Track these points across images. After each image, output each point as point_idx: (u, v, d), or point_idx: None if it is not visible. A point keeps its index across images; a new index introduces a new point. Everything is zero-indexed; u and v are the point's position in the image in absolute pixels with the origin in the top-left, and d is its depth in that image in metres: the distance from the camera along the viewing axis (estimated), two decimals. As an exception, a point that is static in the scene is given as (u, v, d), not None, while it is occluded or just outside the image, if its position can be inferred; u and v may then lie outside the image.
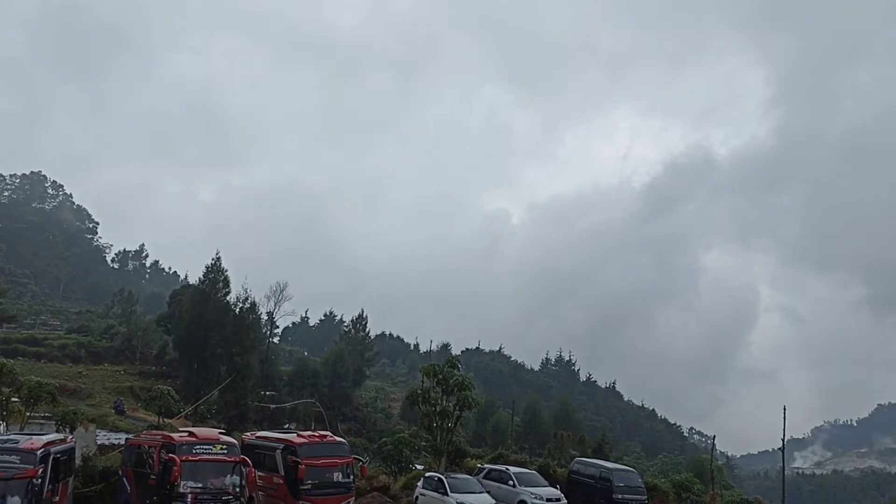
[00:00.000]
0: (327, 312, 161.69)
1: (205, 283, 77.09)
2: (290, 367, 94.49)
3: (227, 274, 77.26)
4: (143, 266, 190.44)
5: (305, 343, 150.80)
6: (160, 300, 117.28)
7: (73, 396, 60.29)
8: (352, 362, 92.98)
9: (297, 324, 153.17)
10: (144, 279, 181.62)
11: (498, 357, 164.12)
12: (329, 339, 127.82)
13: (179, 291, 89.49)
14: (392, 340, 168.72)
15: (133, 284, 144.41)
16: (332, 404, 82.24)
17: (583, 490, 35.94)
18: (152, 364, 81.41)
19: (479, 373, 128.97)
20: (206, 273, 77.69)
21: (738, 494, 46.11)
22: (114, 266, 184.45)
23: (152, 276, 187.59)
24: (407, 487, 35.09)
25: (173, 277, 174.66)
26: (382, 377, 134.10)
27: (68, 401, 51.16)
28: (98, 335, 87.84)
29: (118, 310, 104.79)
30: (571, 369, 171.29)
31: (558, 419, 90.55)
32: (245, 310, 76.23)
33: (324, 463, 26.18)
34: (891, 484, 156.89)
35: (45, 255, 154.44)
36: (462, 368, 42.86)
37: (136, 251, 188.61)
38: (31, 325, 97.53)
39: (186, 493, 22.19)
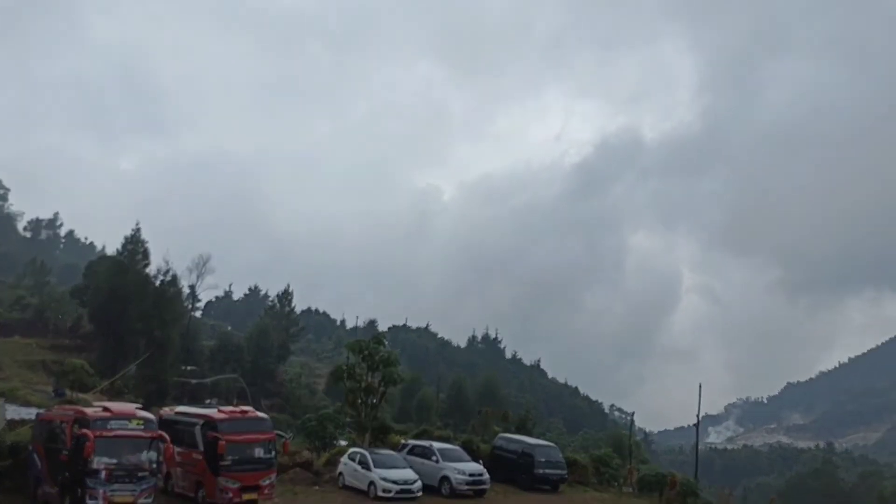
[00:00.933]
0: (252, 286, 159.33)
1: (123, 255, 74.74)
2: (213, 341, 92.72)
3: (147, 246, 75.15)
4: (58, 236, 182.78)
5: (229, 318, 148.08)
6: (75, 271, 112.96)
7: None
8: (276, 337, 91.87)
9: (220, 298, 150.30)
10: (58, 249, 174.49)
11: (425, 334, 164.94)
12: (254, 313, 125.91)
13: (96, 263, 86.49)
14: (318, 316, 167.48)
15: (46, 255, 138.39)
16: (256, 380, 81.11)
17: (506, 465, 36.52)
18: (66, 337, 78.53)
19: (405, 350, 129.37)
20: (124, 244, 75.29)
21: (654, 469, 47.67)
22: (25, 235, 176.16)
23: (67, 247, 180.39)
24: (330, 463, 34.91)
25: (90, 248, 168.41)
26: (308, 353, 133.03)
27: (-26, 375, 48.89)
28: (8, 306, 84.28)
29: (30, 280, 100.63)
30: (497, 347, 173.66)
31: (483, 396, 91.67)
32: (166, 283, 74.22)
33: (245, 439, 25.75)
34: (797, 458, 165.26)
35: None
36: (388, 345, 42.78)
37: (49, 220, 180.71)
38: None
39: (100, 469, 21.52)
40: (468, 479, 32.22)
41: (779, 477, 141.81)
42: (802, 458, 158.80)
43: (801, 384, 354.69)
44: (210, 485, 25.38)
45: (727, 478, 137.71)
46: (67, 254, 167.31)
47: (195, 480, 26.28)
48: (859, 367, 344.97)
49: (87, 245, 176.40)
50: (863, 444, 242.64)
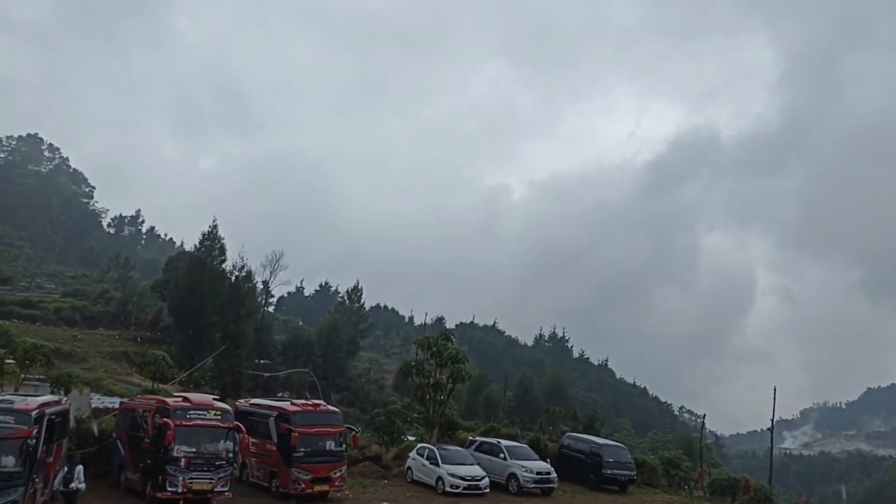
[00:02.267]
0: (323, 283, 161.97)
1: (201, 251, 76.96)
2: (285, 336, 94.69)
3: (223, 242, 77.18)
4: (139, 232, 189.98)
5: (300, 313, 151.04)
6: (156, 266, 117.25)
7: (67, 360, 60.26)
8: (346, 333, 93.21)
9: (292, 293, 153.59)
10: (140, 245, 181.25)
11: (492, 332, 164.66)
12: (324, 309, 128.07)
13: (175, 258, 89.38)
14: (387, 312, 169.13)
15: (129, 250, 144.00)
16: (326, 374, 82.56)
17: (573, 464, 36.33)
18: (147, 330, 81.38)
19: (472, 346, 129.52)
20: (202, 240, 77.51)
21: (726, 472, 46.60)
22: (110, 231, 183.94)
23: (148, 242, 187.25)
24: (398, 458, 35.39)
25: (169, 244, 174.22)
26: (376, 349, 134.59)
27: (63, 364, 51.22)
28: (93, 299, 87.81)
29: (114, 275, 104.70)
30: (565, 345, 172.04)
31: (550, 394, 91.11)
32: (241, 278, 76.18)
33: (317, 431, 26.39)
34: (877, 466, 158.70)
35: (41, 219, 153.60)
36: (456, 342, 43.03)
37: (132, 217, 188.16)
38: (27, 287, 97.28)
39: (180, 457, 22.42)
40: (536, 477, 32.22)
41: (857, 485, 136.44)
42: (883, 466, 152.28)
43: (882, 389, 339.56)
44: (283, 475, 26.12)
45: (803, 484, 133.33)
46: (149, 249, 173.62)
47: (269, 470, 27.07)
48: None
49: (167, 241, 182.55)
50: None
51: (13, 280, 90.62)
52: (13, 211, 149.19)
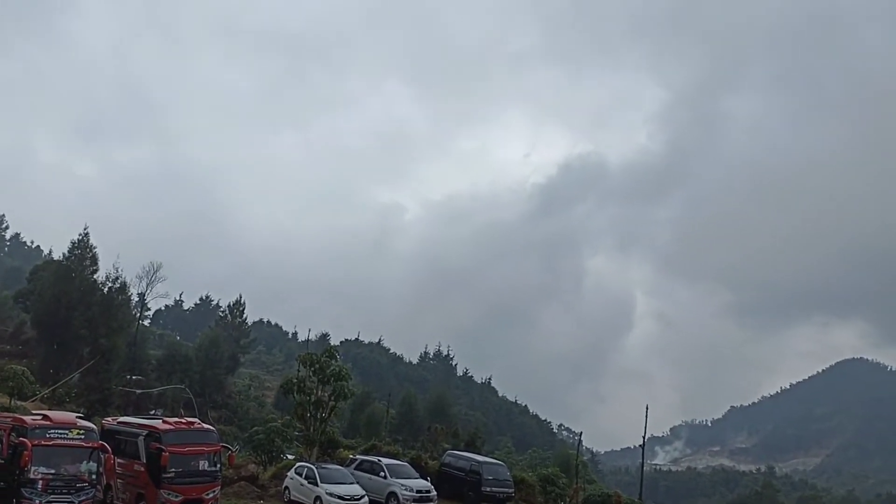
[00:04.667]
0: (203, 296, 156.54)
1: (70, 260, 72.93)
2: (161, 351, 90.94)
3: (95, 251, 73.33)
4: (2, 238, 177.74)
5: (179, 327, 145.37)
6: (19, 275, 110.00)
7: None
8: (226, 348, 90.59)
9: (170, 307, 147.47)
10: (3, 252, 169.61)
11: (377, 349, 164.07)
12: (205, 324, 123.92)
13: (41, 267, 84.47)
14: (270, 328, 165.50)
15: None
16: (204, 391, 79.75)
17: (453, 482, 36.57)
18: (7, 343, 76.31)
19: (357, 364, 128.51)
20: (71, 249, 73.46)
21: (600, 488, 48.22)
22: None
23: (12, 249, 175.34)
24: (277, 477, 34.58)
25: (36, 252, 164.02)
26: (258, 365, 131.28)
27: None
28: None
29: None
30: (449, 364, 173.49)
31: (433, 412, 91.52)
32: (114, 290, 72.56)
33: (189, 451, 25.41)
34: (738, 481, 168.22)
35: None
36: (340, 359, 42.59)
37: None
38: None
39: (37, 478, 21.11)
40: (415, 495, 32.22)
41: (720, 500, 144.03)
42: (744, 482, 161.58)
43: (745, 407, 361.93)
44: (152, 497, 24.96)
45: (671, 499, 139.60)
46: (13, 257, 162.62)
47: (136, 492, 25.81)
48: (802, 392, 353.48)
49: (33, 249, 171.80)
50: (803, 468, 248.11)
51: None
52: None
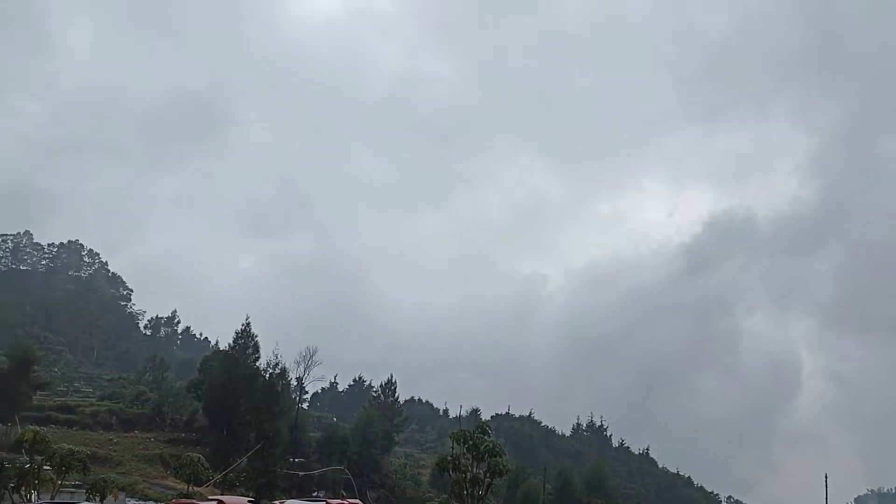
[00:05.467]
0: (356, 378, 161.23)
1: (235, 349, 77.56)
2: (320, 433, 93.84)
3: (257, 339, 77.86)
4: (175, 333, 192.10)
5: (335, 409, 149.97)
6: (191, 367, 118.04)
7: (104, 464, 60.38)
8: (381, 428, 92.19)
9: (326, 389, 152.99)
10: (176, 346, 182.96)
11: (528, 422, 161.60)
12: (359, 405, 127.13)
13: (210, 357, 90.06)
14: (421, 406, 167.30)
15: (165, 351, 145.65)
16: (362, 471, 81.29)
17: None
18: (182, 431, 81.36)
19: (509, 438, 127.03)
20: (235, 339, 78.24)
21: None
22: (146, 333, 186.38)
23: (184, 343, 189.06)
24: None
25: (205, 344, 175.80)
26: (412, 443, 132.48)
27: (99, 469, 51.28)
28: (129, 402, 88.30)
29: (150, 376, 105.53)
30: (604, 435, 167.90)
31: (591, 486, 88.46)
32: (275, 375, 76.42)
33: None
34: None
35: (80, 323, 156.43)
36: (492, 434, 42.34)
37: (168, 318, 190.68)
38: (65, 392, 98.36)
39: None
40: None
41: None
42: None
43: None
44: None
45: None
46: (184, 350, 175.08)
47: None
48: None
49: (202, 341, 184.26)
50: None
51: (52, 385, 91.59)
52: (54, 316, 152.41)
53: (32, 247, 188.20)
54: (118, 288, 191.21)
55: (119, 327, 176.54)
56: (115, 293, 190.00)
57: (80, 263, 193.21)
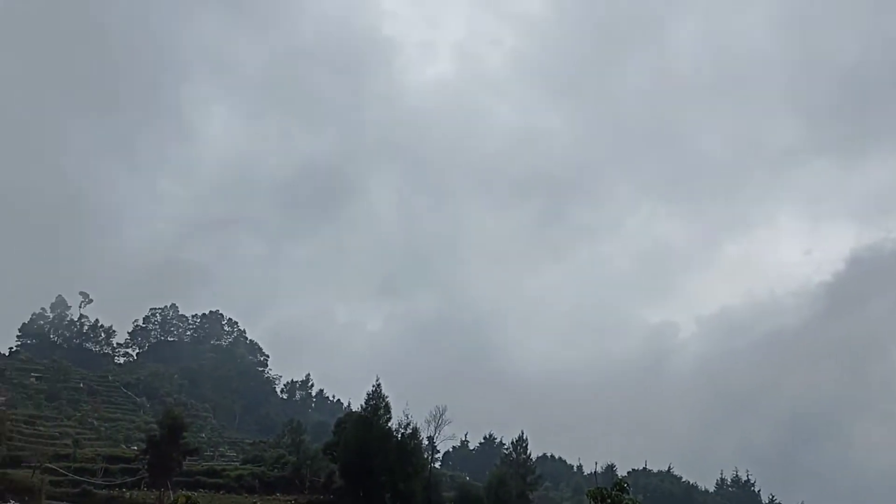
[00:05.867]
0: (487, 435, 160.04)
1: (367, 410, 79.09)
2: (453, 492, 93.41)
3: (387, 400, 79.15)
4: (309, 396, 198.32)
5: (466, 467, 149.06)
6: (326, 428, 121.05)
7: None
8: (514, 486, 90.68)
9: (457, 448, 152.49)
10: (311, 408, 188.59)
11: (668, 478, 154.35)
12: (490, 462, 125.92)
13: (343, 419, 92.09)
14: (554, 462, 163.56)
15: (300, 414, 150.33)
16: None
17: None
18: (320, 493, 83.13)
19: (648, 495, 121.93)
20: (367, 400, 79.85)
21: None
22: (283, 396, 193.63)
23: (318, 405, 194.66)
24: None
25: (337, 406, 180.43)
26: (546, 502, 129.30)
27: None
28: (270, 465, 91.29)
29: (287, 439, 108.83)
30: (751, 490, 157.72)
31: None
32: (406, 435, 77.16)
33: None
34: None
35: (222, 390, 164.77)
36: (631, 491, 40.87)
37: (302, 381, 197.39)
38: (211, 456, 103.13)
39: None
40: None
41: None
42: None
43: None
44: None
45: None
46: (319, 412, 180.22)
47: None
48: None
49: (335, 403, 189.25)
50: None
51: (200, 450, 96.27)
52: (199, 384, 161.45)
53: (178, 319, 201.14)
54: (256, 354, 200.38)
55: (258, 392, 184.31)
56: (254, 359, 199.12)
57: (221, 332, 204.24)
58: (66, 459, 78.57)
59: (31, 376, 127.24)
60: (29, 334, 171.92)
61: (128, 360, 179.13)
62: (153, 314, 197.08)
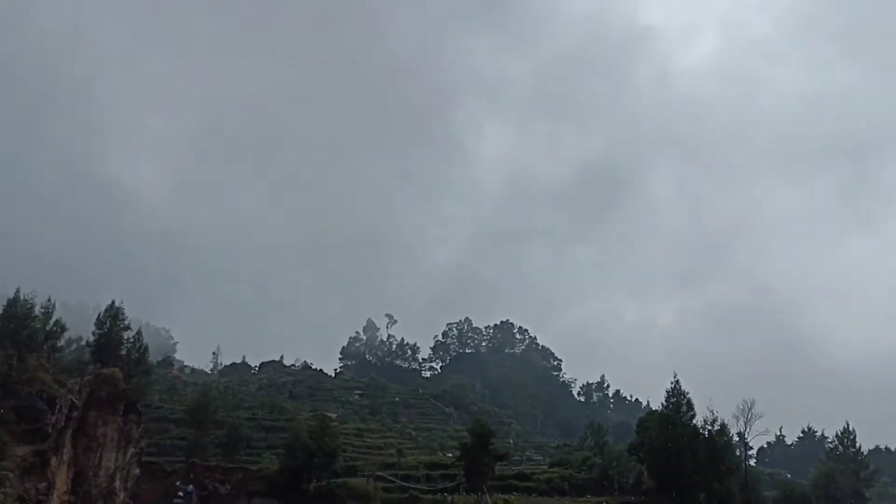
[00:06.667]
0: (805, 428, 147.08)
1: (668, 408, 76.90)
2: (774, 491, 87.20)
3: (689, 397, 76.24)
4: (607, 396, 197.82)
5: (785, 464, 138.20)
6: (626, 429, 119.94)
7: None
8: (845, 483, 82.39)
9: (772, 444, 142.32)
10: (609, 409, 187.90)
11: None
12: (811, 458, 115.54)
13: (645, 419, 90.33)
14: (890, 455, 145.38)
15: (599, 415, 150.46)
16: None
17: None
18: (630, 494, 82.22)
19: None
20: (667, 398, 77.61)
21: None
22: (580, 399, 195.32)
23: (616, 405, 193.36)
24: None
25: (636, 405, 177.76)
26: (886, 498, 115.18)
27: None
28: (577, 467, 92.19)
29: (591, 441, 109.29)
30: None
31: None
32: (714, 432, 73.61)
33: None
34: None
35: (521, 396, 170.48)
36: None
37: (597, 383, 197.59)
38: (519, 461, 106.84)
39: None
40: None
41: None
42: None
43: None
44: None
45: None
46: (617, 412, 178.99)
47: None
48: None
49: (633, 402, 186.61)
50: None
51: (508, 455, 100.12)
52: (498, 391, 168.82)
53: (473, 331, 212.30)
54: (549, 359, 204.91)
55: (554, 396, 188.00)
56: (547, 364, 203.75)
57: (514, 341, 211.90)
58: (392, 468, 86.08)
59: (355, 394, 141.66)
60: (348, 356, 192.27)
61: (433, 374, 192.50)
62: (450, 329, 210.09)
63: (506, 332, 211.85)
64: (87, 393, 57.73)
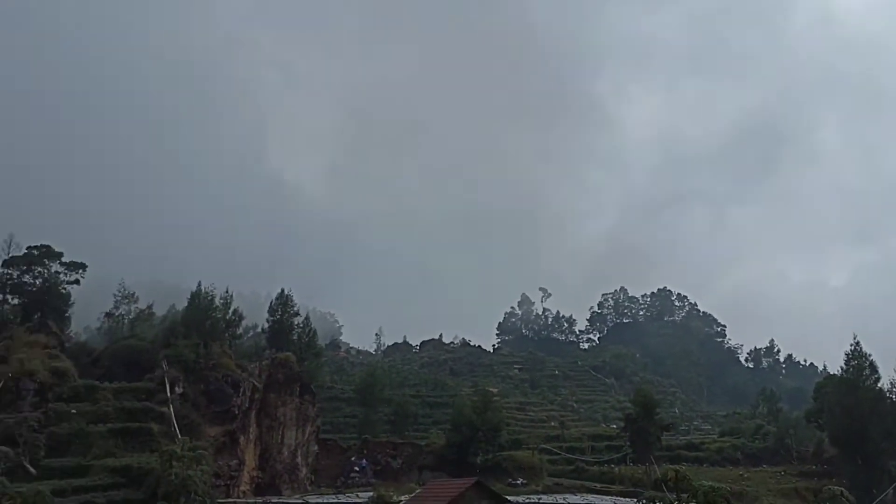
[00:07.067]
0: None
1: (848, 372, 72.23)
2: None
3: (871, 359, 71.29)
4: (777, 362, 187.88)
5: None
6: (802, 395, 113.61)
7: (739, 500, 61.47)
8: None
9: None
10: (781, 375, 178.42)
11: None
12: None
13: (823, 383, 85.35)
14: None
15: (770, 381, 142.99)
16: None
17: None
18: (811, 463, 78.16)
19: None
20: (846, 361, 72.90)
21: None
22: (748, 366, 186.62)
23: (788, 371, 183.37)
24: None
25: (811, 370, 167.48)
26: None
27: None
28: (749, 436, 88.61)
29: (763, 409, 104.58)
30: None
31: None
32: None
33: None
34: None
35: (684, 364, 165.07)
36: None
37: (766, 348, 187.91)
38: (686, 430, 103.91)
39: None
40: None
41: None
42: None
43: None
44: None
45: None
46: (790, 378, 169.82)
47: None
48: None
49: (807, 367, 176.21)
50: None
51: (675, 425, 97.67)
52: (660, 360, 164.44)
53: (629, 301, 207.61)
54: (711, 325, 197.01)
55: (719, 363, 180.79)
56: (710, 331, 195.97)
57: (672, 308, 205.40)
58: (556, 440, 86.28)
59: (515, 368, 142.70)
60: (505, 331, 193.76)
61: (591, 345, 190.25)
62: (605, 299, 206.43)
63: (664, 300, 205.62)
64: (266, 376, 62.28)
